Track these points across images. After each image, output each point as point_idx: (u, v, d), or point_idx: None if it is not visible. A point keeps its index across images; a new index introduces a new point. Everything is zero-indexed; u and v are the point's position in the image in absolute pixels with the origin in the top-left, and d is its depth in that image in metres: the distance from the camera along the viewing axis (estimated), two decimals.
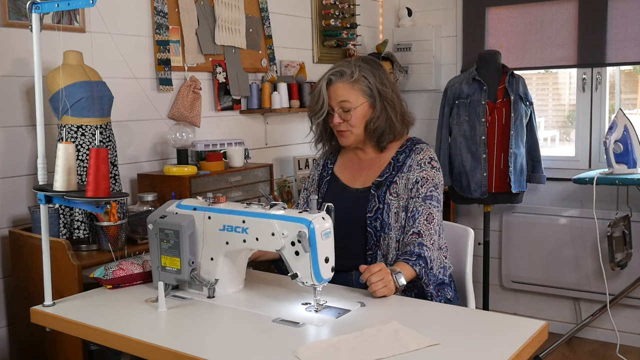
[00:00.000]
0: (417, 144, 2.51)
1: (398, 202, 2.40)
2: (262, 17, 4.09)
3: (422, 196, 2.39)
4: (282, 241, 2.00)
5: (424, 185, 2.40)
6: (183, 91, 3.52)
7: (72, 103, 2.74)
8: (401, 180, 2.42)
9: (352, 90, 2.42)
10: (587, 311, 4.54)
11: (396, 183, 2.42)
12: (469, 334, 1.87)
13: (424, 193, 2.39)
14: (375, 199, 2.41)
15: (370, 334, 1.82)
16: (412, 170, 2.43)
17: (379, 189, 2.42)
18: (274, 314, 2.00)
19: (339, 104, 2.43)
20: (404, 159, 2.46)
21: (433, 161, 2.46)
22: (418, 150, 2.47)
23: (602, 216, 4.26)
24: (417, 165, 2.43)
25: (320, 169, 2.66)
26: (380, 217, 2.38)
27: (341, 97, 2.42)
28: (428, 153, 2.47)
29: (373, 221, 2.39)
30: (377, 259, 2.38)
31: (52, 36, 2.76)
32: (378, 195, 2.41)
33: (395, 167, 2.46)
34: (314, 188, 2.63)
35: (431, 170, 2.43)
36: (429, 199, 2.39)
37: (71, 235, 2.80)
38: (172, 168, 3.21)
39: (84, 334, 2.03)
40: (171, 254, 2.20)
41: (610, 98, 4.55)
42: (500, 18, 4.75)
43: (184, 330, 1.93)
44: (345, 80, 2.42)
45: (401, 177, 2.42)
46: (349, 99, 2.42)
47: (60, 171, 2.14)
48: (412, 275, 2.23)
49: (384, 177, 2.44)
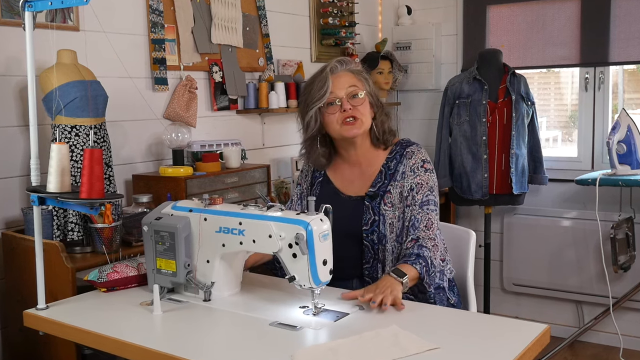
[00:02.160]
0: (407, 147, 2.47)
1: (393, 212, 2.38)
2: (259, 15, 4.09)
3: (418, 203, 2.37)
4: (279, 243, 2.00)
5: (419, 192, 2.39)
6: (179, 91, 3.52)
7: (65, 103, 2.75)
8: (395, 189, 2.40)
9: (357, 80, 2.42)
10: (590, 314, 4.54)
11: (390, 192, 2.40)
12: (470, 337, 1.87)
13: (420, 199, 2.38)
14: (370, 211, 2.39)
15: (369, 337, 1.82)
16: (405, 177, 2.41)
17: (373, 200, 2.40)
18: (271, 318, 2.00)
19: (346, 90, 2.38)
20: (396, 166, 2.44)
21: (426, 163, 2.44)
22: (409, 155, 2.44)
23: (605, 218, 4.27)
24: (410, 172, 2.41)
25: (310, 174, 2.62)
26: (377, 229, 2.37)
27: (349, 83, 2.39)
28: (420, 156, 2.45)
29: (370, 234, 2.38)
30: (377, 270, 2.38)
31: (45, 35, 2.77)
32: (372, 207, 2.39)
33: (387, 176, 2.43)
34: (307, 186, 2.61)
35: (425, 174, 2.42)
36: (425, 204, 2.38)
37: (65, 237, 2.80)
38: (168, 169, 3.22)
39: (78, 338, 2.03)
40: (167, 257, 2.20)
41: (613, 98, 4.57)
42: (502, 16, 4.76)
43: (179, 334, 1.93)
44: (351, 69, 2.42)
45: (395, 185, 2.41)
46: (357, 85, 2.40)
47: (53, 172, 2.14)
48: (415, 275, 2.20)
49: (377, 187, 2.42)
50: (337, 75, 2.39)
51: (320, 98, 2.37)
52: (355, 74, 2.42)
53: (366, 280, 2.40)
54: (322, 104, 2.37)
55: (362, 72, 2.46)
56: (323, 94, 2.36)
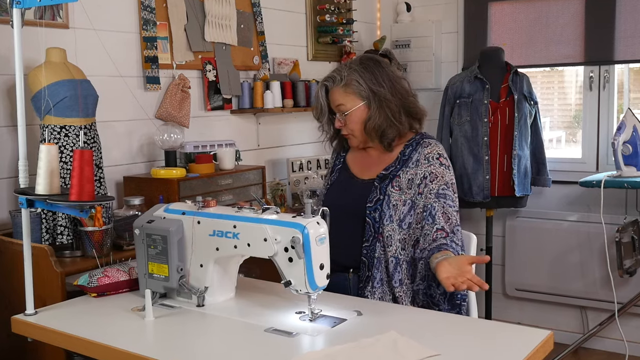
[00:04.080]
0: (425, 138, 2.56)
1: (400, 195, 2.44)
2: (254, 12, 4.10)
3: (434, 192, 2.43)
4: (274, 247, 2.01)
5: (433, 181, 2.44)
6: (171, 90, 3.53)
7: (55, 102, 2.75)
8: (405, 175, 2.47)
9: (345, 94, 2.52)
10: (595, 320, 4.55)
11: (399, 177, 2.47)
12: (471, 344, 1.88)
13: (436, 189, 2.43)
14: (377, 191, 2.46)
15: (368, 344, 1.82)
16: (419, 164, 2.47)
17: (382, 181, 2.48)
18: (266, 324, 2.00)
19: (337, 108, 2.55)
20: (410, 153, 2.52)
21: (442, 157, 2.50)
22: (425, 144, 2.52)
23: (610, 221, 4.28)
24: (424, 160, 2.48)
25: (335, 156, 2.77)
26: (380, 207, 2.42)
27: (337, 102, 2.54)
28: (436, 149, 2.51)
29: (372, 211, 2.44)
30: (375, 251, 2.41)
31: (34, 32, 2.77)
32: (380, 188, 2.47)
33: (402, 161, 2.51)
34: (329, 172, 2.76)
35: (440, 167, 2.46)
36: (442, 197, 2.42)
37: (54, 240, 2.80)
38: (160, 170, 3.22)
39: (67, 344, 2.03)
40: (159, 261, 2.20)
41: (619, 97, 4.57)
42: (504, 13, 4.77)
43: (172, 340, 1.93)
44: (337, 86, 2.53)
45: (406, 171, 2.47)
46: (344, 103, 2.52)
47: (42, 174, 2.14)
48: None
49: (389, 170, 2.51)
50: (331, 93, 2.56)
51: (318, 117, 2.63)
52: (343, 88, 2.52)
53: (363, 260, 2.43)
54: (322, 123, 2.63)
55: (350, 80, 2.49)
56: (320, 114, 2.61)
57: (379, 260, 2.41)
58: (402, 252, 2.41)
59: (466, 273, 2.06)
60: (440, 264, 2.15)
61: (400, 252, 2.41)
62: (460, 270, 2.09)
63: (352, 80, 2.49)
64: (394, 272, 2.39)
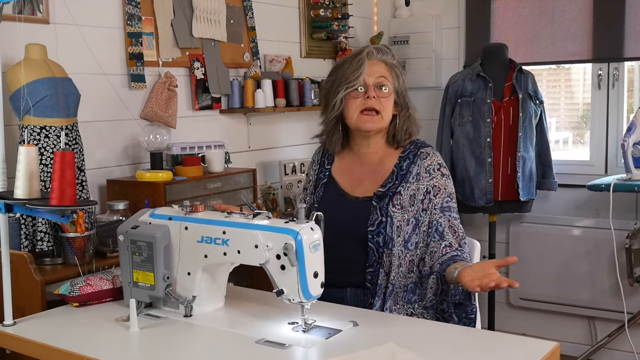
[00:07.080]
0: (421, 147, 2.54)
1: (402, 214, 2.41)
2: (244, 6, 4.11)
3: (439, 207, 2.43)
4: (266, 254, 2.01)
5: (437, 195, 2.44)
6: (157, 88, 3.53)
7: (34, 102, 2.75)
8: (406, 191, 2.44)
9: (389, 72, 2.51)
10: (603, 331, 4.56)
11: (400, 194, 2.44)
12: (473, 356, 1.89)
13: (440, 204, 2.43)
14: (377, 212, 2.42)
15: (364, 356, 1.83)
16: (420, 178, 2.46)
17: (381, 200, 2.44)
18: (257, 335, 2.01)
19: (375, 79, 2.47)
20: (409, 166, 2.49)
21: (442, 168, 2.50)
22: (424, 156, 2.50)
23: (620, 226, 4.29)
24: (425, 172, 2.46)
25: (317, 168, 2.68)
26: (383, 231, 2.40)
27: (380, 73, 2.48)
28: (436, 158, 2.50)
29: (375, 236, 2.40)
30: (378, 277, 2.39)
31: (12, 28, 2.77)
32: (380, 208, 2.42)
33: (399, 176, 2.48)
34: (312, 189, 2.66)
35: (442, 178, 2.47)
36: (447, 210, 2.43)
37: (34, 247, 2.80)
38: (145, 173, 3.22)
39: (48, 357, 2.03)
40: (144, 269, 2.21)
41: (629, 96, 4.58)
42: (507, 8, 4.78)
43: (158, 352, 1.94)
44: (386, 60, 2.50)
45: (406, 187, 2.44)
46: (387, 77, 2.49)
47: (21, 177, 2.14)
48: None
49: (387, 187, 2.46)
50: (371, 62, 2.49)
51: (354, 80, 2.46)
52: (389, 67, 2.51)
53: (367, 286, 2.41)
54: (357, 86, 2.46)
55: (397, 67, 2.53)
56: (358, 76, 2.46)
57: (380, 286, 2.38)
58: (409, 275, 2.40)
59: (491, 275, 2.08)
60: (464, 270, 2.18)
61: (407, 276, 2.40)
62: (485, 272, 2.11)
63: (396, 67, 2.52)
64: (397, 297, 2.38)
